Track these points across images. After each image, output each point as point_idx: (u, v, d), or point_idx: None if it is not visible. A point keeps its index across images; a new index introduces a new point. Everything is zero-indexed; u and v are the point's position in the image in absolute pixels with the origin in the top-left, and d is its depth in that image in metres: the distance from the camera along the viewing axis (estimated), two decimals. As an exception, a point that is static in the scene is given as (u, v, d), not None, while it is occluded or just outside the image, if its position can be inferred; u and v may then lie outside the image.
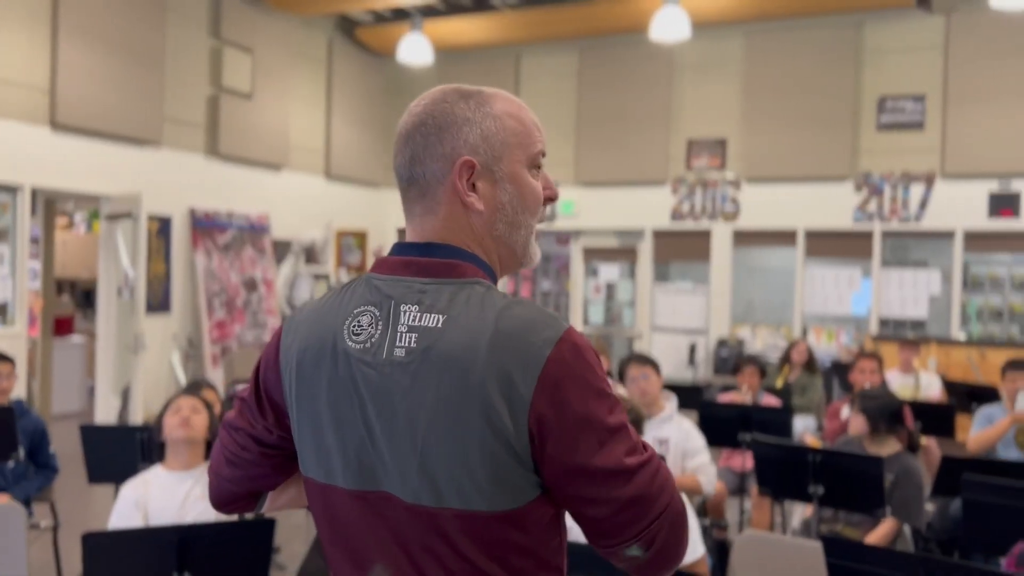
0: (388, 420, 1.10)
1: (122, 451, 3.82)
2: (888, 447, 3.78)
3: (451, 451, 1.06)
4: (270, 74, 8.86)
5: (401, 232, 1.26)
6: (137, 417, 7.18)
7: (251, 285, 8.68)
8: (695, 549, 2.96)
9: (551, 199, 1.23)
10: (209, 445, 3.22)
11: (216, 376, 8.04)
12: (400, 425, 1.09)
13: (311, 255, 9.54)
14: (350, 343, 1.13)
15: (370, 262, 10.51)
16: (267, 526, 2.67)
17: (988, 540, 3.01)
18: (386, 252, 1.24)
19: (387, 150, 10.73)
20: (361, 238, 10.35)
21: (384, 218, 10.79)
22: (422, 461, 1.07)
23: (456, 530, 1.07)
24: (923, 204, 8.38)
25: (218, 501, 1.31)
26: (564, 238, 9.89)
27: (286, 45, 9.09)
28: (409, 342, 1.10)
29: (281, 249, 9.16)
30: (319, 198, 9.74)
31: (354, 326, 1.14)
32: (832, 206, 8.70)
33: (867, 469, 3.25)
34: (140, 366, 7.34)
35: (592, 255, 9.85)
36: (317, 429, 1.16)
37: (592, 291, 9.92)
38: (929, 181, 8.34)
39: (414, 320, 1.11)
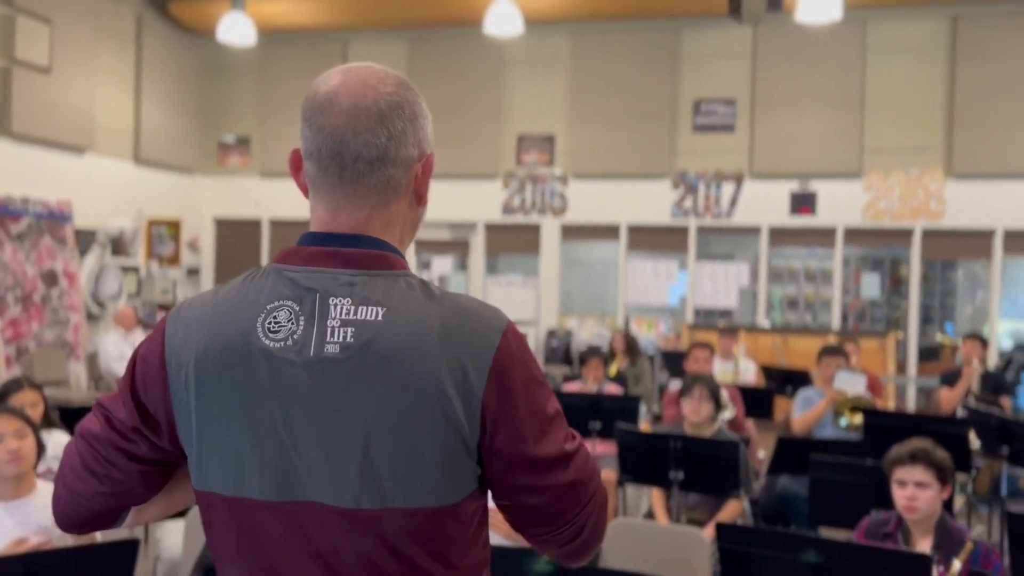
0: (320, 422, 1.03)
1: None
2: (711, 428, 4.02)
3: (400, 447, 1.02)
4: (72, 48, 8.08)
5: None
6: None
7: (51, 278, 7.90)
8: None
9: None
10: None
11: (12, 380, 7.25)
12: (336, 425, 1.02)
13: (119, 246, 8.83)
14: (267, 342, 1.04)
15: (184, 253, 9.88)
16: (129, 548, 2.43)
17: (834, 514, 3.28)
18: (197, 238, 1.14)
19: (204, 133, 10.11)
20: (174, 228, 9.70)
21: (199, 206, 10.16)
22: (364, 461, 1.02)
23: (397, 530, 1.03)
24: (733, 202, 8.99)
25: (70, 521, 1.16)
26: (393, 230, 9.75)
27: (90, 17, 8.32)
28: (344, 337, 1.03)
29: (85, 239, 8.40)
30: (128, 184, 9.02)
31: (270, 323, 1.05)
32: (652, 202, 9.14)
33: (725, 453, 3.43)
34: (-80, 371, 6.48)
35: (424, 247, 9.79)
36: (224, 437, 1.05)
37: (423, 283, 9.87)
38: (739, 180, 8.95)
39: (347, 313, 1.04)
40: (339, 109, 1.09)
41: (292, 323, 1.04)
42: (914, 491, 2.75)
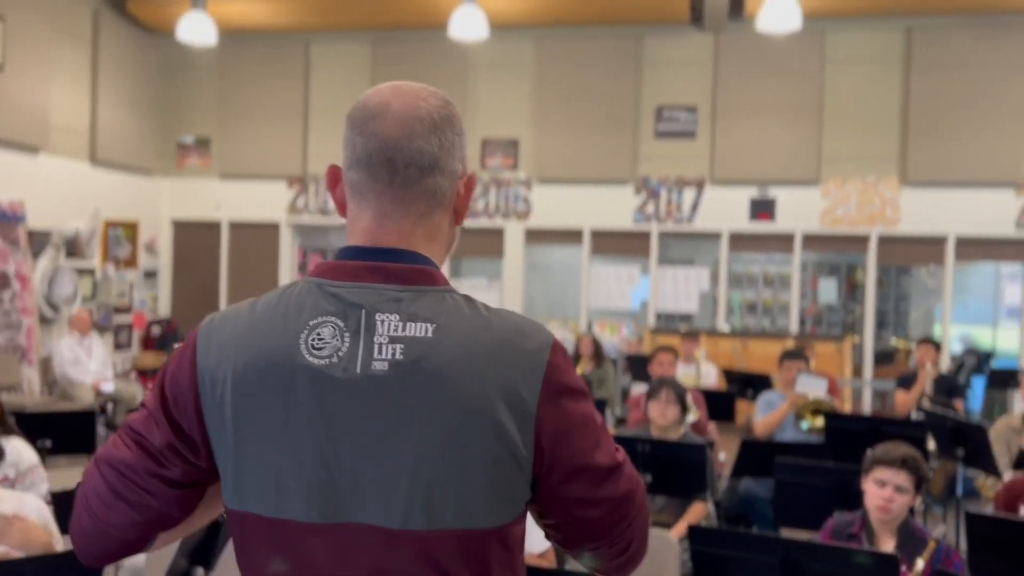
0: (367, 440, 1.01)
1: None
2: (678, 432, 4.06)
3: (451, 467, 1.01)
4: (26, 45, 7.90)
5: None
6: None
7: (3, 281, 7.70)
8: (542, 542, 3.01)
9: None
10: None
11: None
12: (384, 444, 1.01)
13: (74, 247, 8.64)
14: (312, 359, 1.03)
15: (141, 255, 9.70)
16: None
17: (797, 516, 3.34)
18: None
19: (162, 134, 9.94)
20: (131, 229, 9.53)
21: (157, 208, 9.99)
22: (414, 480, 1.00)
23: (448, 551, 1.02)
24: (694, 207, 9.09)
25: (99, 555, 1.11)
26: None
27: (45, 14, 8.14)
28: (393, 354, 1.02)
29: (39, 241, 8.21)
30: (83, 185, 8.83)
31: (313, 339, 1.03)
32: (614, 207, 9.20)
33: (692, 456, 3.47)
34: None
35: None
36: (264, 456, 1.04)
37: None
38: (699, 186, 9.06)
39: (395, 330, 1.03)
40: (393, 116, 1.10)
41: (337, 339, 1.03)
42: (893, 494, 2.79)
